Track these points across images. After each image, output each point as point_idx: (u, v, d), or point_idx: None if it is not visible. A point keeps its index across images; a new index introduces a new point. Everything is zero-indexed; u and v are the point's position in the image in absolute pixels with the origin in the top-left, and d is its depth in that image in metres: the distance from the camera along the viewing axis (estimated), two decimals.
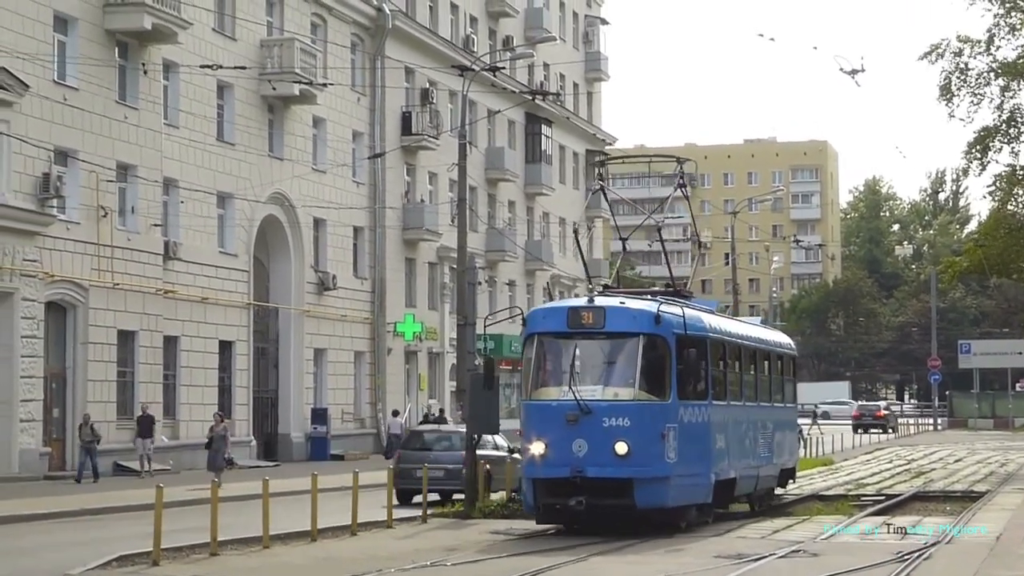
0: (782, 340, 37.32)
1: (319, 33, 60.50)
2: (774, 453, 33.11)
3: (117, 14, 46.51)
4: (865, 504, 34.22)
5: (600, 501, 24.79)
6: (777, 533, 27.07)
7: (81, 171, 45.16)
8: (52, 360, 44.57)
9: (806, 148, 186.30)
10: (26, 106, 42.44)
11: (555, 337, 26.20)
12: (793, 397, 37.08)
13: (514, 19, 78.29)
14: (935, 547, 22.96)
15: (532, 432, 25.68)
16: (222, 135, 53.67)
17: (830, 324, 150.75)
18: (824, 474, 48.01)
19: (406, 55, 66.28)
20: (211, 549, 22.72)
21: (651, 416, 25.46)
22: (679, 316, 26.29)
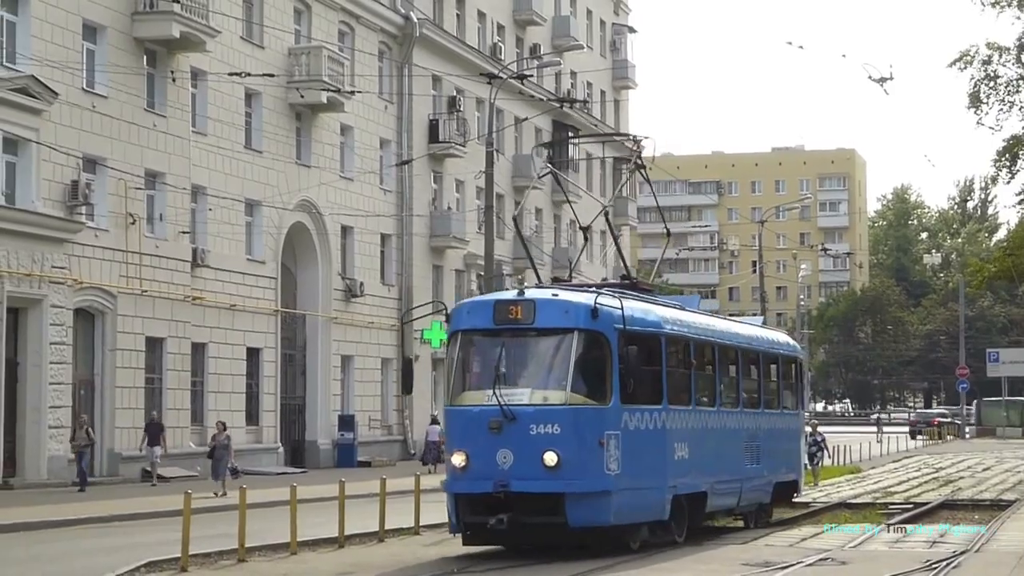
0: (781, 341, 34.12)
1: (347, 41, 60.54)
2: (764, 465, 30.04)
3: (145, 22, 46.59)
4: (893, 512, 33.91)
5: (528, 519, 21.84)
6: (805, 541, 26.74)
7: (110, 178, 45.25)
8: (80, 367, 44.64)
9: (834, 156, 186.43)
10: (55, 114, 42.54)
11: (480, 335, 23.12)
12: (796, 403, 33.66)
13: (541, 27, 78.32)
14: (964, 556, 22.73)
15: (453, 442, 22.99)
16: (250, 143, 53.78)
17: (858, 332, 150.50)
18: (852, 482, 47.79)
19: (433, 63, 66.38)
20: (239, 555, 22.70)
21: (586, 422, 22.29)
22: (622, 310, 23.07)
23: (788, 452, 32.49)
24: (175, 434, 47.32)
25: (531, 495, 21.70)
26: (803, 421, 35.76)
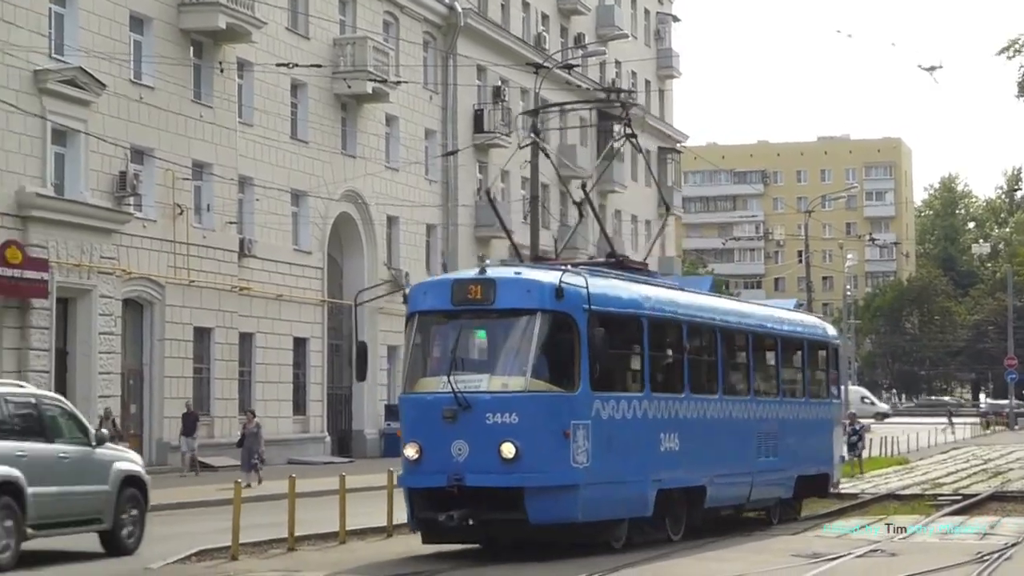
0: (809, 325, 32.04)
1: (391, 31, 60.65)
2: (783, 457, 27.81)
3: (192, 13, 46.80)
4: (942, 504, 33.63)
5: (486, 515, 20.19)
6: (855, 532, 26.58)
7: (157, 169, 45.49)
8: (129, 357, 44.96)
9: (880, 145, 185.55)
10: (103, 105, 42.72)
11: (437, 316, 21.47)
12: (827, 392, 31.54)
13: (586, 16, 78.34)
14: (1015, 547, 22.57)
15: (407, 433, 21.23)
16: (296, 133, 53.98)
17: (904, 323, 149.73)
18: (900, 473, 47.63)
19: (478, 53, 66.40)
20: (289, 544, 22.74)
21: (549, 410, 20.49)
22: (604, 291, 21.75)
23: (815, 443, 30.17)
24: (223, 423, 47.61)
25: (487, 489, 20.06)
26: (839, 411, 33.76)
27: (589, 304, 20.68)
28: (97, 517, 22.23)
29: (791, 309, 34.36)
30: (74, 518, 22.13)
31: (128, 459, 24.01)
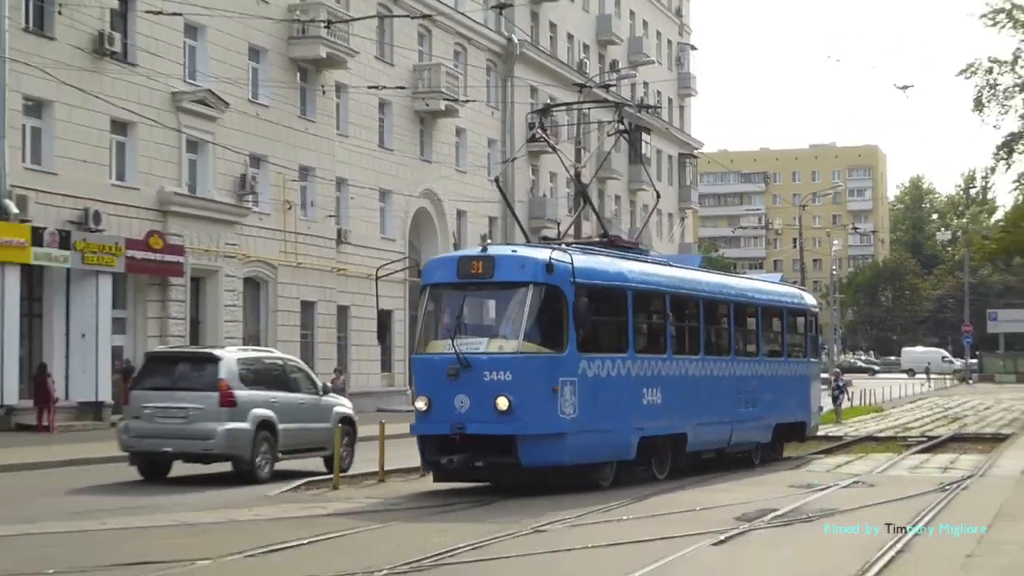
0: (789, 296, 30.69)
1: (461, 59, 60.86)
2: (762, 408, 26.72)
3: (299, 45, 47.18)
4: (911, 444, 33.80)
5: (484, 459, 19.87)
6: (840, 468, 26.84)
7: (271, 172, 45.96)
8: (249, 325, 45.38)
9: (860, 151, 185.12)
10: (227, 120, 43.26)
11: (445, 288, 20.75)
12: (806, 352, 30.16)
13: (619, 46, 78.34)
14: (971, 479, 22.75)
15: (418, 388, 20.77)
16: (383, 142, 54.36)
17: (880, 296, 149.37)
18: (876, 419, 47.73)
19: (531, 75, 66.66)
20: (379, 476, 22.93)
21: (538, 369, 19.81)
22: (589, 266, 20.97)
23: (793, 396, 28.96)
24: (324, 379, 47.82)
25: (485, 437, 19.53)
26: (817, 368, 31.58)
27: (575, 277, 20.03)
28: (323, 446, 24.83)
29: (776, 282, 32.17)
30: (308, 447, 25.22)
31: (343, 405, 27.11)
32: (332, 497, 20.89)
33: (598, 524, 16.77)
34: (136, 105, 39.53)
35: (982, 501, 18.96)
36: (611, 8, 77.50)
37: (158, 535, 16.07)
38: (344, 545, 14.91)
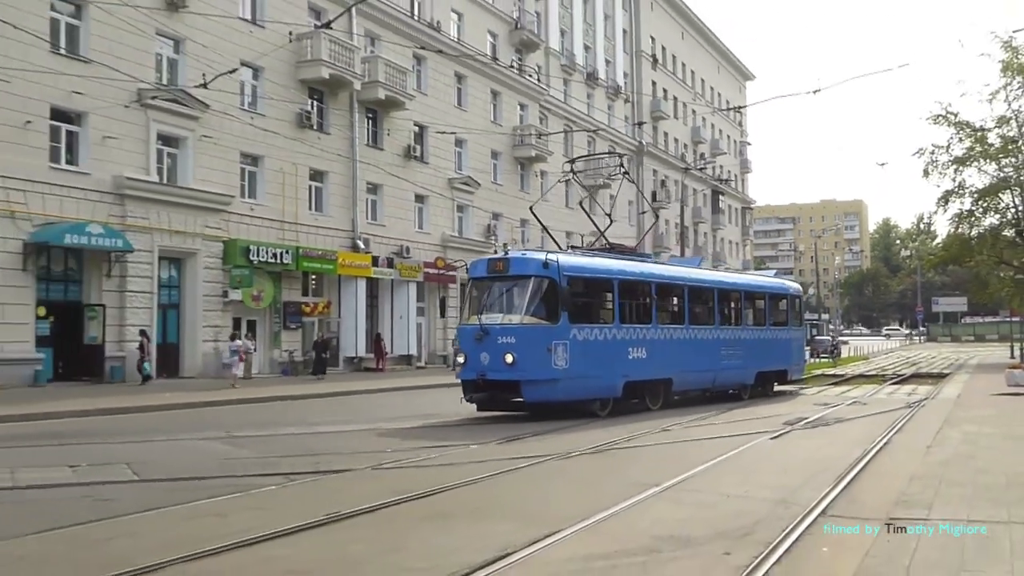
0: (774, 285, 26.90)
1: (593, 147, 60.44)
2: (744, 360, 23.57)
3: (520, 148, 47.24)
4: (887, 379, 32.68)
5: (500, 396, 17.95)
6: (843, 393, 25.83)
7: (504, 222, 45.98)
8: None
9: (852, 203, 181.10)
10: (480, 193, 43.55)
11: (479, 280, 18.63)
12: (787, 322, 26.46)
13: (704, 144, 77.12)
14: (926, 401, 21.91)
15: (460, 347, 18.72)
16: (567, 203, 53.28)
17: (864, 291, 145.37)
18: (864, 364, 46.16)
19: (653, 163, 66.02)
20: None
21: (535, 335, 17.59)
22: (573, 263, 18.50)
23: (773, 353, 25.39)
24: None
25: (498, 381, 17.64)
26: (797, 333, 27.50)
27: (565, 272, 17.85)
28: None
29: (769, 276, 28.52)
30: None
31: None
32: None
33: (701, 426, 16.55)
34: (428, 186, 40.32)
35: (933, 413, 18.32)
36: (700, 123, 76.29)
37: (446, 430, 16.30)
38: (542, 440, 14.87)
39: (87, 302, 26.49)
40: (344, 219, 35.99)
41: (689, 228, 69.02)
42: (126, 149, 27.15)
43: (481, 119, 44.66)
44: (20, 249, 24.32)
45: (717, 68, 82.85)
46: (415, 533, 7.65)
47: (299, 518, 7.90)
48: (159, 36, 28.48)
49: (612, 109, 61.06)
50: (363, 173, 36.58)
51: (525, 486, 10.15)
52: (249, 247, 30.75)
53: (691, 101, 74.65)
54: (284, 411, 19.99)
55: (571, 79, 55.72)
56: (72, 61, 25.68)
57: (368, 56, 36.77)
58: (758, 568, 6.64)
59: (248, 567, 6.61)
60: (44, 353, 24.90)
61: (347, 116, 35.95)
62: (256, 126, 31.49)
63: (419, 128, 40.39)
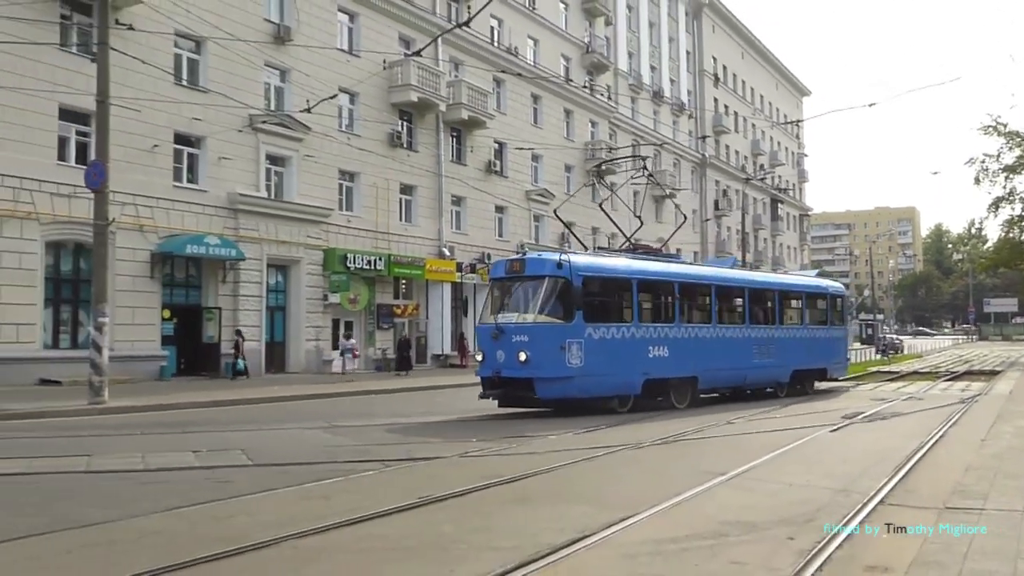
0: (814, 284, 24.86)
1: (677, 166, 59.85)
2: (778, 359, 21.73)
3: (591, 162, 47.09)
4: (941, 376, 31.68)
5: (514, 393, 16.86)
6: (898, 389, 25.08)
7: (577, 231, 45.40)
8: None
9: (906, 211, 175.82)
10: (552, 204, 43.51)
11: (498, 280, 17.51)
12: (828, 322, 24.32)
13: (764, 155, 75.82)
14: (980, 397, 21.19)
15: (479, 345, 18.00)
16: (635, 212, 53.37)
17: (918, 292, 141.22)
18: (918, 362, 44.84)
19: (716, 174, 65.14)
20: None
21: (548, 333, 16.42)
22: (588, 264, 17.21)
23: (811, 351, 23.31)
24: None
25: (512, 378, 16.57)
26: (839, 332, 25.12)
27: (580, 272, 16.68)
28: None
29: (810, 276, 26.66)
30: None
31: None
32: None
33: (763, 419, 16.27)
34: (507, 198, 40.43)
35: (987, 409, 17.70)
36: (759, 136, 75.01)
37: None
38: (612, 432, 14.75)
39: (205, 305, 27.23)
40: (431, 229, 36.30)
41: (749, 234, 68.01)
42: (239, 168, 27.88)
43: (555, 135, 44.61)
44: (148, 259, 25.15)
45: (775, 85, 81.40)
46: (501, 515, 7.69)
47: (395, 501, 8.01)
48: (268, 67, 29.17)
49: (677, 124, 60.43)
50: (448, 187, 36.87)
51: (601, 473, 10.12)
52: (346, 255, 31.26)
53: (751, 116, 73.52)
54: (378, 404, 20.24)
55: (638, 97, 55.34)
56: (192, 91, 26.51)
57: (452, 80, 37.08)
58: (821, 552, 6.51)
59: (352, 544, 6.73)
60: (168, 351, 25.70)
61: (434, 135, 36.30)
62: (352, 146, 32.00)
63: (499, 145, 40.53)
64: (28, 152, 22.51)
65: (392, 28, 34.52)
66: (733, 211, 64.99)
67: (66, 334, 23.63)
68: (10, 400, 17.82)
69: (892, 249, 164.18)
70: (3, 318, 21.87)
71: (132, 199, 24.68)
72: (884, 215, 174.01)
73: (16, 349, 22.08)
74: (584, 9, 48.65)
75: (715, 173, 65.20)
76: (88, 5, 23.25)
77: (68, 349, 23.31)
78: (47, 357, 22.66)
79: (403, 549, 6.59)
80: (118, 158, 22.28)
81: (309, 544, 6.66)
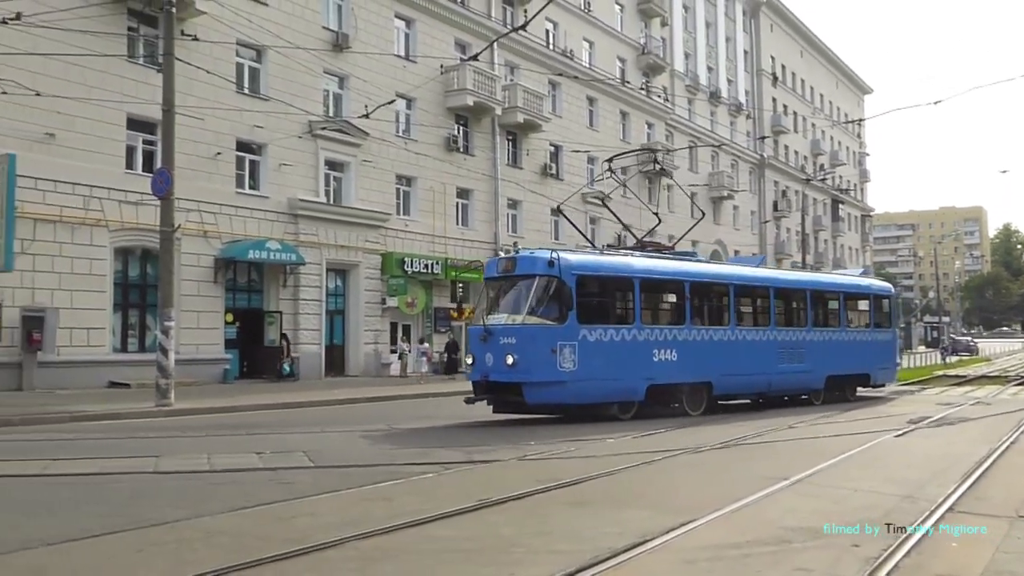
0: (855, 284, 23.11)
1: (735, 167, 59.22)
2: (809, 364, 20.13)
3: (646, 166, 46.84)
4: (1011, 380, 30.72)
5: (504, 398, 15.97)
6: (966, 394, 24.39)
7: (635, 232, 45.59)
8: None
9: (972, 211, 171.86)
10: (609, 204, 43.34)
11: (491, 280, 16.57)
12: (872, 324, 22.51)
13: (824, 155, 74.66)
14: None
15: (470, 348, 16.86)
16: (692, 214, 52.76)
17: (985, 293, 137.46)
18: (986, 366, 43.65)
19: (775, 175, 64.27)
20: None
21: (537, 335, 15.38)
22: (583, 262, 16.10)
23: (851, 356, 21.55)
24: None
25: (500, 383, 15.70)
26: (885, 335, 23.07)
27: (574, 270, 15.69)
28: None
29: (854, 275, 24.73)
30: None
31: None
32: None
33: (824, 424, 15.97)
34: (563, 199, 40.32)
35: None
36: (819, 135, 73.80)
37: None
38: (671, 435, 14.58)
39: (266, 309, 27.77)
40: (487, 232, 36.42)
41: (809, 236, 66.93)
42: (299, 174, 28.33)
43: (611, 137, 44.41)
44: (212, 264, 25.72)
45: (836, 84, 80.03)
46: (560, 518, 7.69)
47: (456, 503, 8.05)
48: (326, 74, 29.60)
49: (734, 125, 59.80)
50: (504, 190, 36.98)
51: (661, 477, 10.05)
52: (404, 259, 31.54)
53: (810, 115, 72.37)
54: (433, 406, 20.38)
55: (695, 98, 54.88)
56: (254, 99, 27.03)
57: (508, 84, 37.19)
58: (888, 560, 6.38)
59: (414, 545, 6.79)
60: (231, 354, 26.22)
61: (489, 139, 36.45)
62: (409, 150, 32.29)
63: (554, 148, 40.53)
64: (98, 161, 23.18)
65: (448, 33, 34.76)
66: (792, 212, 64.10)
67: (134, 338, 24.29)
68: (82, 402, 18.41)
69: (958, 250, 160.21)
70: (75, 323, 22.56)
71: (196, 205, 25.24)
72: (950, 215, 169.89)
73: (88, 352, 22.75)
74: (640, 10, 48.41)
75: (774, 174, 64.34)
76: (154, 17, 23.86)
77: (136, 352, 23.95)
78: (116, 360, 23.33)
79: (463, 551, 6.63)
80: (182, 166, 22.77)
81: (371, 545, 6.74)
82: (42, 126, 22.06)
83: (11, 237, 20.65)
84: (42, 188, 22.12)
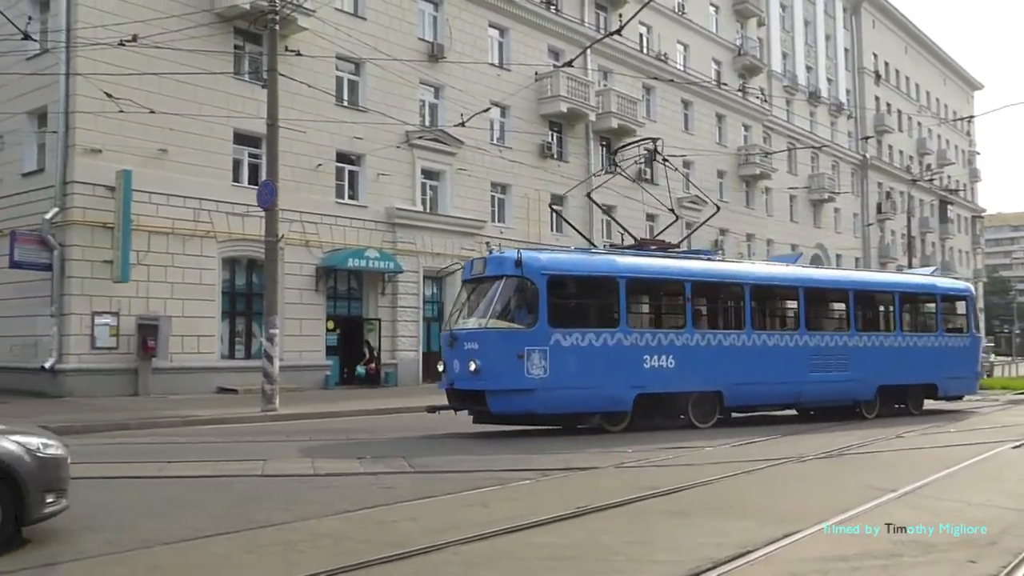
0: (918, 284, 20.77)
1: (836, 168, 57.55)
2: (854, 372, 18.06)
3: (745, 167, 46.00)
4: None
5: (471, 407, 14.97)
6: None
7: (731, 237, 44.92)
8: None
9: None
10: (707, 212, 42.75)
11: (465, 282, 15.58)
12: (936, 328, 20.13)
13: (931, 155, 71.90)
14: None
15: (442, 354, 15.52)
16: (792, 218, 51.83)
17: None
18: None
19: (879, 176, 62.24)
20: None
21: (502, 340, 14.21)
22: (557, 261, 14.99)
23: (910, 363, 19.20)
24: None
25: (465, 391, 14.63)
26: (958, 342, 20.48)
27: (533, 271, 14.49)
28: None
29: (924, 275, 22.06)
30: None
31: None
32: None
33: (935, 434, 15.40)
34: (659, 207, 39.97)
35: None
36: (925, 134, 71.17)
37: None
38: (771, 444, 14.26)
39: (366, 316, 28.31)
40: (581, 238, 36.32)
41: (916, 238, 64.49)
42: (396, 184, 28.88)
43: (707, 141, 43.83)
44: (313, 272, 26.40)
45: (943, 80, 77.06)
46: (659, 527, 7.62)
47: (554, 510, 8.07)
48: (422, 84, 30.10)
49: (835, 125, 58.17)
50: (545, 184, 36.78)
51: (762, 487, 9.85)
52: None
53: (916, 114, 69.84)
54: None
55: (793, 99, 53.65)
56: (353, 111, 27.57)
57: (601, 89, 37.08)
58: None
59: (514, 551, 6.83)
60: (332, 360, 26.86)
61: (583, 145, 36.40)
62: (504, 158, 32.52)
63: (648, 152, 40.18)
64: (207, 175, 24.14)
65: (541, 40, 34.90)
66: (898, 214, 61.90)
67: (240, 345, 25.11)
68: (193, 407, 19.17)
69: None
70: (187, 330, 23.48)
71: (299, 216, 25.98)
72: None
73: (198, 359, 23.66)
74: (735, 11, 47.67)
75: (877, 175, 62.32)
76: (258, 35, 24.68)
77: (242, 359, 24.76)
78: (224, 367, 24.19)
79: (564, 558, 6.63)
80: (286, 178, 23.46)
81: (472, 550, 6.81)
82: (156, 142, 23.11)
83: (127, 249, 21.72)
84: (155, 202, 23.16)
